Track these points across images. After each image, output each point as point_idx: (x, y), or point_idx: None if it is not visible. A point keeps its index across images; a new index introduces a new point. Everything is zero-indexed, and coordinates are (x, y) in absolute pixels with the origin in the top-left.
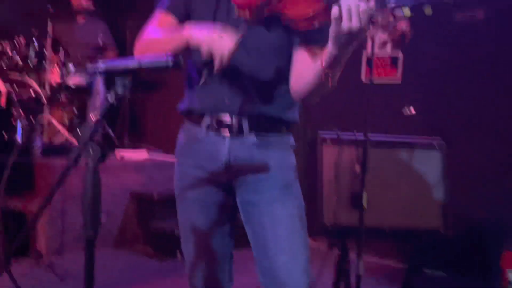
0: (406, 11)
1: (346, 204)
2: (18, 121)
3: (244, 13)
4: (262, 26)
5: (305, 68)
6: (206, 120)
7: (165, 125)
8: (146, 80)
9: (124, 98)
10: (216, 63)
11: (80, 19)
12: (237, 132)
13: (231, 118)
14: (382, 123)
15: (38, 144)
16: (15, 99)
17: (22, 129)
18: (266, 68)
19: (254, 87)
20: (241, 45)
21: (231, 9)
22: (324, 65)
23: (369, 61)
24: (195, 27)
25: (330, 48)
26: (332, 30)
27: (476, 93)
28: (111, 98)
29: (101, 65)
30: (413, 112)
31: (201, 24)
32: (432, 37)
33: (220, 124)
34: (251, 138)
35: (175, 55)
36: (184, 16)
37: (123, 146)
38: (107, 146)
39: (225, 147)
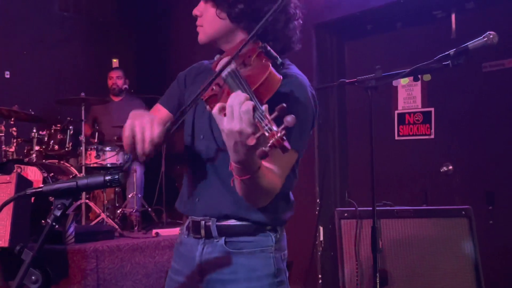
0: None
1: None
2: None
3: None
4: None
5: None
6: (187, 221)
7: None
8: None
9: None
10: (138, 148)
11: (117, 99)
12: (207, 234)
13: (202, 219)
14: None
15: (71, 231)
16: None
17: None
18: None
19: (219, 186)
20: (210, 139)
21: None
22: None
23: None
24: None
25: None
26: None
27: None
28: (51, 220)
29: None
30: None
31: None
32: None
33: (195, 225)
34: (221, 241)
35: (114, 173)
36: (178, 109)
37: (162, 223)
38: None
39: (198, 251)
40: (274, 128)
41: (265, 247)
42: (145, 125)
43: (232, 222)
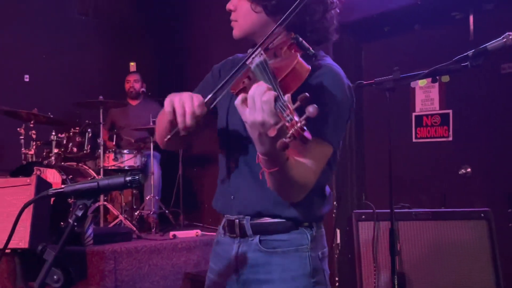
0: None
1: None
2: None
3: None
4: None
5: None
6: (223, 220)
7: None
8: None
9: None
10: (179, 121)
11: (134, 103)
12: (242, 233)
13: (236, 217)
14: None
15: (90, 232)
16: None
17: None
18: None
19: (253, 183)
20: (243, 137)
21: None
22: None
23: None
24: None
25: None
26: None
27: None
28: (72, 220)
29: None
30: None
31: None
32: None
33: (230, 224)
34: (255, 240)
35: (135, 174)
36: None
37: (179, 225)
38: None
39: (234, 250)
40: (295, 118)
41: (299, 246)
42: (185, 99)
43: (266, 219)
